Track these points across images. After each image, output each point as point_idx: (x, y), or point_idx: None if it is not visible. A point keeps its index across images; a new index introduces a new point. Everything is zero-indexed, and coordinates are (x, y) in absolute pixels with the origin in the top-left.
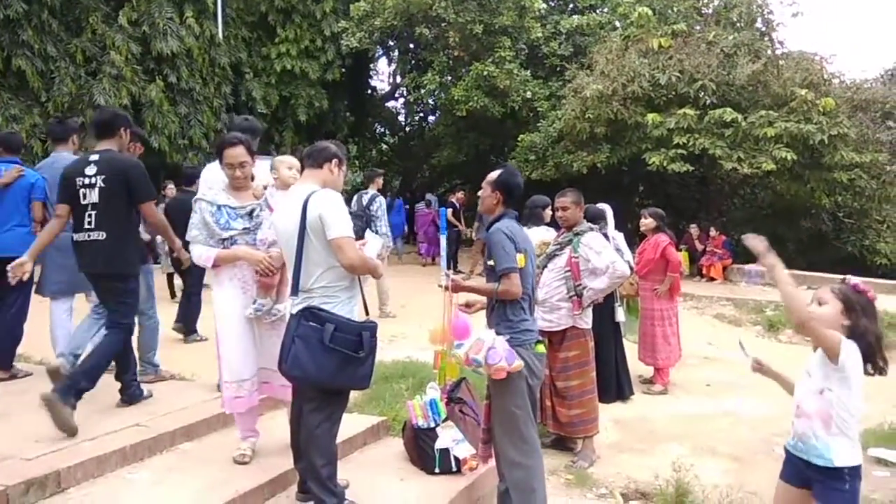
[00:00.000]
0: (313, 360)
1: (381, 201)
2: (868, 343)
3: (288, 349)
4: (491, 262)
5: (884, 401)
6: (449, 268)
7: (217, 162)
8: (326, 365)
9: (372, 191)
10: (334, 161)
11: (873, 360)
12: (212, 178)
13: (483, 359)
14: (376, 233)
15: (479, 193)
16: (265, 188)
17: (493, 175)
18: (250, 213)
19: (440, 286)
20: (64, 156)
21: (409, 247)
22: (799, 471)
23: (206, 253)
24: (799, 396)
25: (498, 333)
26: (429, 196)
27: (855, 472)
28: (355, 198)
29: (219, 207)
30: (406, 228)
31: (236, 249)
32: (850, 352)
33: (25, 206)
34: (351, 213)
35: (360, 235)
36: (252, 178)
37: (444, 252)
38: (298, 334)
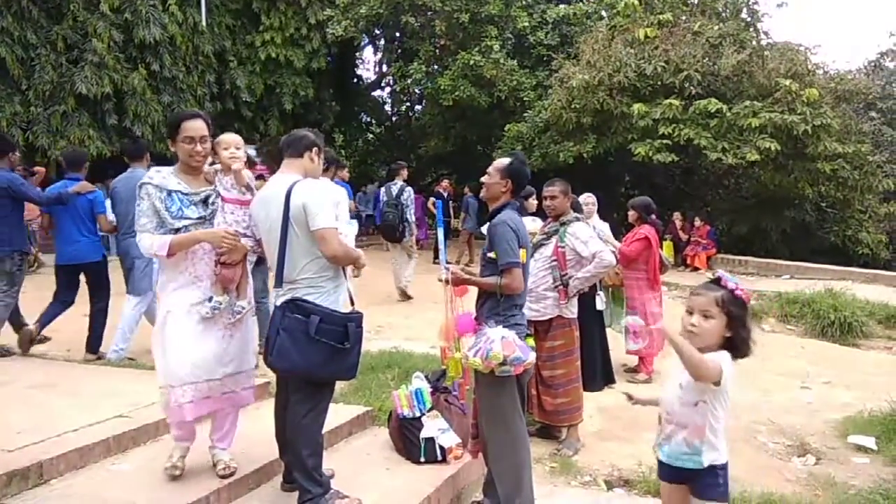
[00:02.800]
0: (299, 352)
1: (410, 191)
2: (743, 348)
3: (273, 342)
4: (492, 255)
5: (862, 389)
6: (435, 258)
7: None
8: (313, 357)
9: (399, 182)
10: (314, 149)
11: (743, 354)
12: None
13: (521, 355)
14: (407, 221)
15: (483, 179)
16: (216, 173)
17: (504, 162)
18: (205, 201)
19: (440, 280)
20: (139, 172)
21: None
22: (673, 471)
23: (157, 241)
24: (668, 405)
25: (490, 326)
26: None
27: (725, 467)
28: (383, 189)
29: (169, 193)
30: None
31: (195, 232)
32: (728, 368)
33: (89, 218)
34: (384, 203)
35: (394, 225)
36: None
37: (442, 245)
38: (283, 326)
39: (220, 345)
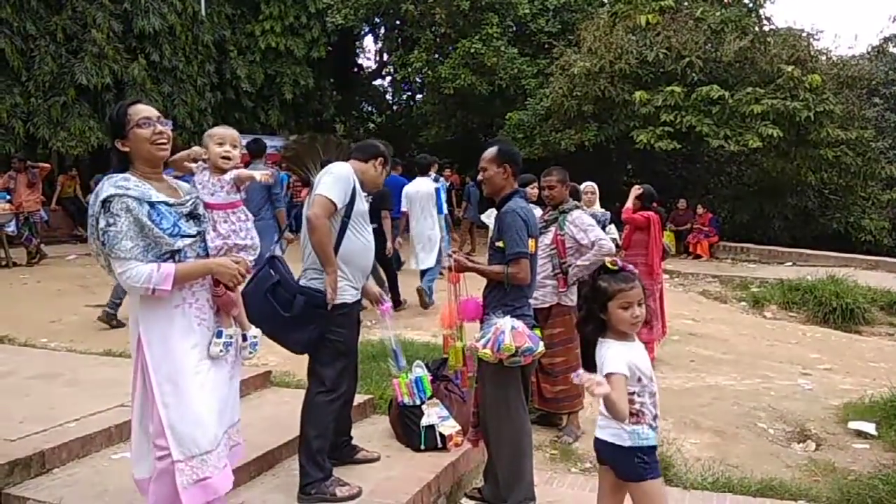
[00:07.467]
0: (255, 303)
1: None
2: None
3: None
4: (500, 244)
5: (863, 375)
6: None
7: None
8: (263, 312)
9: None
10: (379, 159)
11: None
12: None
13: (532, 345)
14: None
15: (481, 177)
16: (198, 171)
17: (493, 151)
18: (192, 214)
19: (443, 267)
20: (260, 167)
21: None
22: (608, 448)
23: (157, 272)
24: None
25: (498, 316)
26: None
27: None
28: None
29: (153, 206)
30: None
31: (207, 262)
32: None
33: None
34: None
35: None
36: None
37: (444, 233)
38: (259, 275)
39: (226, 389)
